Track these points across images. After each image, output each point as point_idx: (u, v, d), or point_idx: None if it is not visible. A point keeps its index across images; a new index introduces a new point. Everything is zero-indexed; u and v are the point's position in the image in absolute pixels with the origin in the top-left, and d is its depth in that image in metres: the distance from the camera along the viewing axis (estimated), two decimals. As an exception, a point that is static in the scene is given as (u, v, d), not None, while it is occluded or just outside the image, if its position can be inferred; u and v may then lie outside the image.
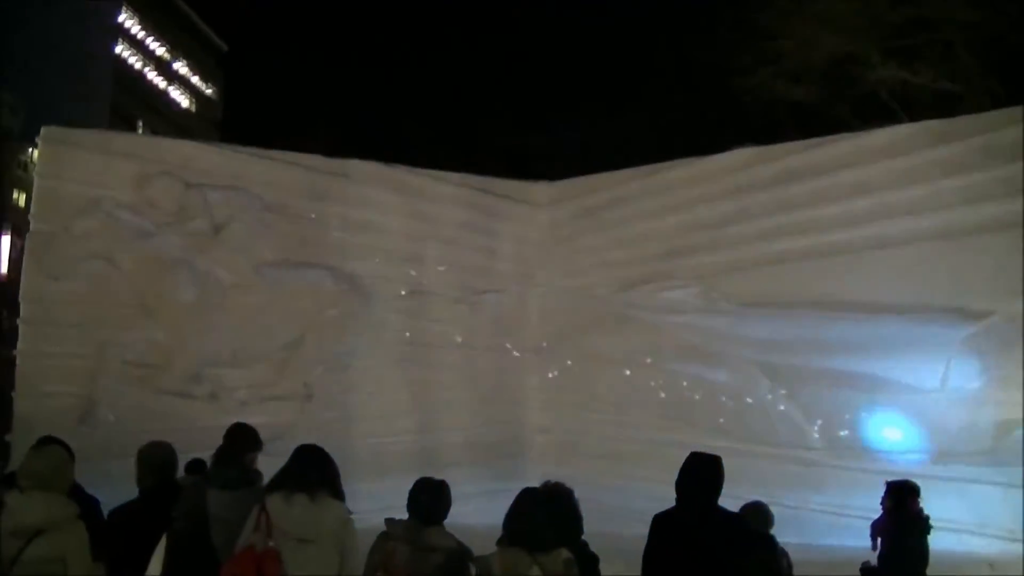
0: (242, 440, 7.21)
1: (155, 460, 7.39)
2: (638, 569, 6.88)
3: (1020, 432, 12.98)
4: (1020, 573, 11.51)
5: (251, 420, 7.76)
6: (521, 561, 5.91)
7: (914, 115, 21.31)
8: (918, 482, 9.94)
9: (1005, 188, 13.62)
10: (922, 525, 9.35)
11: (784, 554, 8.97)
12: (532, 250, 17.78)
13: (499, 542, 6.12)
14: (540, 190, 18.05)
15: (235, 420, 7.68)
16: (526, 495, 6.32)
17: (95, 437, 13.48)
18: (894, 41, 25.05)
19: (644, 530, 6.92)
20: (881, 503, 9.93)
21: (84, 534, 6.14)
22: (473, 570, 6.11)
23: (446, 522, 6.64)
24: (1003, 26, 23.42)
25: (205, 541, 6.55)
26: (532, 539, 6.01)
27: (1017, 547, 12.66)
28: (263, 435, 7.55)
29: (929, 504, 9.70)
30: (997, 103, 20.74)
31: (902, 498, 9.53)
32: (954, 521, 11.71)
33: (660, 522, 6.83)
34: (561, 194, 17.92)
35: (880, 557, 9.73)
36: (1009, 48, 23.91)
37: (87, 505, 7.06)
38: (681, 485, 6.81)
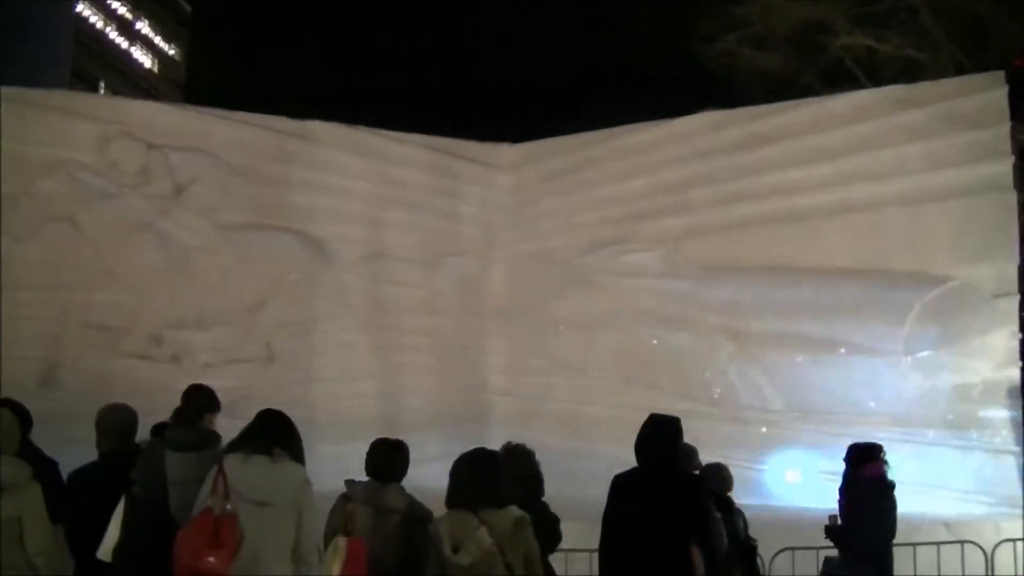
0: (199, 401, 7.16)
1: (114, 423, 7.35)
2: (599, 530, 6.93)
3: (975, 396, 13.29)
4: (975, 535, 11.68)
5: (214, 383, 7.71)
6: (468, 523, 5.91)
7: (879, 82, 21.33)
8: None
9: (966, 155, 13.78)
10: (876, 487, 9.38)
11: (740, 514, 9.07)
12: (495, 213, 17.75)
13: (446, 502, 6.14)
14: (503, 152, 18.00)
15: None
16: (469, 456, 6.31)
17: (57, 400, 13.37)
18: (859, 8, 25.10)
19: (606, 492, 6.97)
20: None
21: (40, 494, 6.14)
22: (432, 531, 6.12)
23: (411, 486, 6.66)
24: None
25: (162, 504, 6.53)
26: (477, 499, 6.01)
27: (971, 508, 12.90)
28: (226, 398, 7.53)
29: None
30: (960, 71, 20.93)
31: (855, 461, 9.60)
32: (912, 483, 11.83)
33: (619, 483, 6.88)
34: (524, 157, 17.88)
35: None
36: (973, 16, 24.04)
37: (46, 468, 7.03)
38: (640, 447, 6.86)
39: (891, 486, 9.30)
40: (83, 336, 14.81)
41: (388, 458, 6.65)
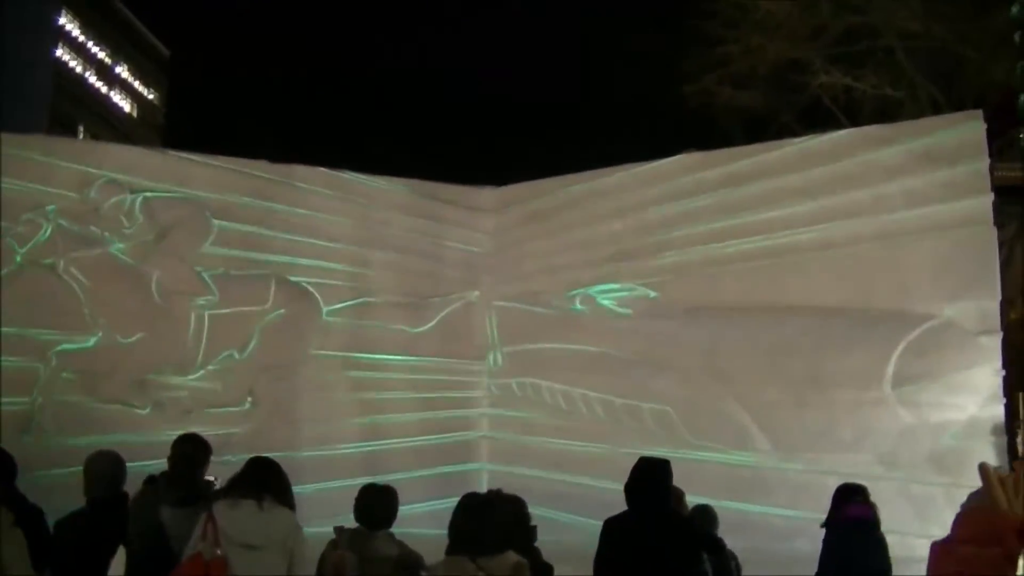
0: (197, 456, 7.10)
1: (104, 470, 7.29)
2: (586, 574, 6.87)
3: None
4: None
5: (196, 429, 7.68)
6: (464, 568, 5.84)
7: (856, 121, 21.63)
8: (865, 484, 9.99)
9: (946, 192, 13.83)
10: (857, 528, 9.36)
11: (732, 556, 9.03)
12: (478, 255, 17.73)
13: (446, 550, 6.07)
14: (486, 195, 17.99)
15: (179, 429, 7.59)
16: (467, 500, 6.24)
17: (37, 447, 13.31)
18: (837, 48, 25.38)
19: (592, 536, 6.92)
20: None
21: (22, 541, 6.07)
22: (423, 577, 6.08)
23: (394, 529, 6.61)
24: (942, 33, 23.80)
25: (158, 557, 6.44)
26: (474, 545, 5.92)
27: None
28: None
29: (873, 507, 9.74)
30: (937, 109, 21.16)
31: (837, 501, 9.62)
32: (899, 522, 11.80)
33: (611, 527, 6.84)
34: (507, 199, 17.88)
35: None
36: (948, 55, 24.34)
37: (31, 516, 6.96)
38: (631, 489, 6.83)
39: (874, 527, 9.28)
40: (63, 381, 14.70)
41: (377, 504, 6.61)
